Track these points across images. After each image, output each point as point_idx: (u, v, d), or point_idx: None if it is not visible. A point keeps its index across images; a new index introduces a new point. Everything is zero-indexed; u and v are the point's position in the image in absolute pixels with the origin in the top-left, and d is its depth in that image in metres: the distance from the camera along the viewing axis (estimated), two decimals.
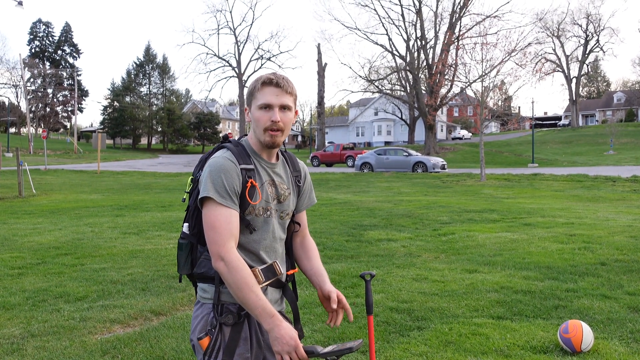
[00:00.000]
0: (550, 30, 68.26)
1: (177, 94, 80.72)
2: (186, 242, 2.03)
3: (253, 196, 1.97)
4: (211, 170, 1.92)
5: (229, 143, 2.06)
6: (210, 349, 1.92)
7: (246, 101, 2.08)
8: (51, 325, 4.75)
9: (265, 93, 1.99)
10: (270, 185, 2.06)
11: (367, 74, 50.18)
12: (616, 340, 4.17)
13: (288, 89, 2.02)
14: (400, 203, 14.25)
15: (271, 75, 2.02)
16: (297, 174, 2.21)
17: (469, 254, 7.56)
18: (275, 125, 1.99)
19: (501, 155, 46.81)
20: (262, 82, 2.00)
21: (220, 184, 1.90)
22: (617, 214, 11.77)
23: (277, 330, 1.82)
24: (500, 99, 30.71)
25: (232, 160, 1.95)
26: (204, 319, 1.98)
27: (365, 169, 31.58)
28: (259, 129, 2.01)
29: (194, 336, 1.99)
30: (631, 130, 62.31)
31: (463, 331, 4.41)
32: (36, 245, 8.52)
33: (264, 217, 2.03)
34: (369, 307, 2.44)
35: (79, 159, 46.31)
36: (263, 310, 1.84)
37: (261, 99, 1.99)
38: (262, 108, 1.99)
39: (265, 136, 2.01)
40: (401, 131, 70.23)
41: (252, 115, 2.03)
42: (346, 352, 1.86)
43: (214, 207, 1.90)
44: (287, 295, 2.15)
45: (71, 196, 17.84)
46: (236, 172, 1.94)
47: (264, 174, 2.04)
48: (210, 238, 1.89)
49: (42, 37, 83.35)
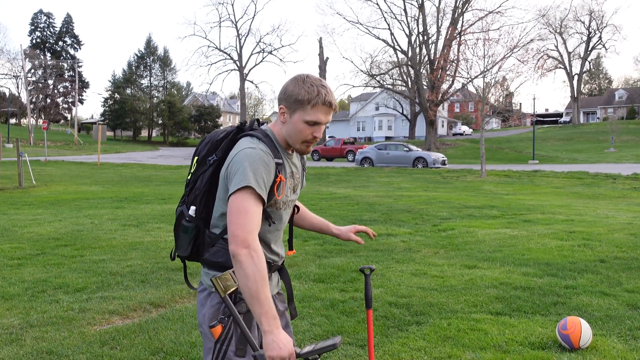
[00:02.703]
0: (552, 26, 68.09)
1: (178, 86, 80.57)
2: (192, 226, 2.03)
3: (279, 190, 1.99)
4: (251, 161, 1.90)
5: (257, 132, 2.03)
6: (223, 337, 1.94)
7: (287, 100, 2.00)
8: (50, 316, 4.75)
9: (319, 111, 1.98)
10: (290, 178, 2.10)
11: (369, 68, 50.13)
12: (614, 337, 4.17)
13: (336, 108, 2.05)
14: (400, 198, 14.25)
15: (331, 98, 1.99)
16: (304, 162, 2.27)
17: (468, 249, 7.56)
18: (315, 140, 2.03)
19: (502, 151, 46.78)
20: (322, 102, 1.97)
21: (260, 176, 1.90)
22: (617, 212, 11.77)
23: (275, 334, 1.76)
24: (502, 95, 30.66)
25: (269, 153, 1.95)
26: (214, 307, 1.99)
27: (365, 163, 31.56)
28: (296, 138, 2.02)
29: (204, 324, 2.00)
30: (632, 127, 62.22)
31: (462, 326, 4.41)
32: (36, 236, 8.52)
33: (283, 210, 2.08)
34: (368, 301, 2.44)
35: (79, 150, 46.29)
36: (270, 309, 1.79)
37: (312, 116, 1.97)
38: (309, 123, 1.99)
39: (302, 146, 2.04)
40: (402, 126, 70.12)
41: (293, 123, 2.00)
42: (329, 349, 1.81)
43: (249, 195, 1.87)
44: (284, 276, 2.20)
45: (71, 187, 17.84)
46: (272, 166, 1.94)
47: (287, 167, 2.07)
48: (239, 222, 1.84)
49: (43, 28, 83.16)
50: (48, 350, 3.98)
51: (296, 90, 1.97)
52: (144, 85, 75.70)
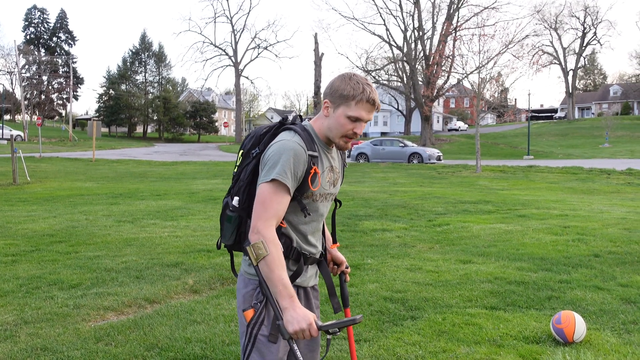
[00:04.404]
0: (547, 22, 68.27)
1: (173, 82, 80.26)
2: (235, 215, 2.10)
3: (314, 182, 2.06)
4: (282, 153, 1.98)
5: (296, 126, 2.09)
6: (254, 322, 2.02)
7: (332, 95, 2.06)
8: (45, 312, 4.74)
9: (362, 108, 2.04)
10: (330, 171, 2.16)
11: (364, 64, 50.06)
12: (608, 331, 4.20)
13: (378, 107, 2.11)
14: (395, 193, 14.26)
15: (375, 96, 2.05)
16: (344, 156, 2.32)
17: (463, 244, 7.58)
18: (355, 136, 2.07)
19: (497, 147, 46.86)
20: (367, 100, 2.03)
21: (288, 167, 1.97)
22: (611, 207, 11.82)
23: (292, 310, 1.87)
24: (497, 90, 30.71)
25: (302, 145, 2.01)
26: (249, 292, 2.09)
27: (361, 159, 31.58)
28: (337, 132, 2.08)
29: (239, 308, 2.10)
30: (627, 123, 62.42)
31: (456, 321, 4.43)
32: (30, 233, 8.49)
33: (319, 202, 2.13)
34: (345, 301, 2.48)
35: (74, 146, 46.10)
36: (284, 288, 1.89)
37: (356, 112, 2.03)
38: (351, 119, 2.04)
39: (341, 141, 2.10)
40: (397, 122, 70.21)
41: (335, 117, 2.06)
42: (350, 323, 1.91)
43: (273, 187, 1.96)
44: (323, 270, 2.28)
45: (66, 184, 17.78)
46: (304, 158, 2.00)
47: (325, 161, 2.13)
48: (257, 212, 1.96)
49: (37, 23, 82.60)
50: (42, 347, 3.97)
51: (342, 86, 2.04)
52: (138, 81, 75.39)
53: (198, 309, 4.84)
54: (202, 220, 9.84)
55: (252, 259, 1.92)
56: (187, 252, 7.09)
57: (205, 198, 13.26)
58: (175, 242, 7.74)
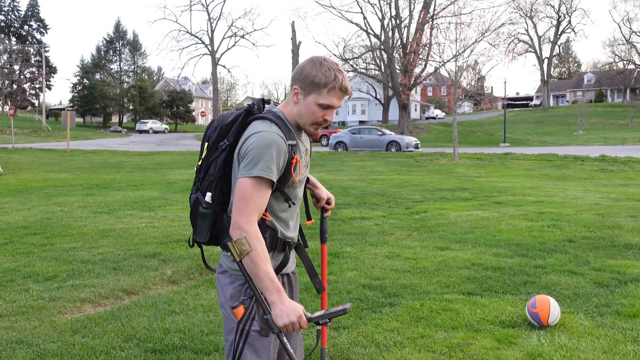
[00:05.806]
0: (523, 10, 68.74)
1: (149, 71, 79.37)
2: (210, 212, 2.04)
3: (296, 171, 2.02)
4: (263, 146, 1.91)
5: (269, 114, 2.03)
6: (246, 318, 1.98)
7: (303, 81, 2.00)
8: (19, 305, 4.67)
9: (334, 96, 2.00)
10: (305, 155, 2.13)
11: (342, 52, 49.99)
12: (582, 315, 4.28)
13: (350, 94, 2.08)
14: (374, 182, 14.32)
15: (347, 83, 2.01)
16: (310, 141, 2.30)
17: (441, 231, 7.65)
18: (325, 122, 2.05)
19: (474, 134, 47.28)
20: (339, 87, 1.99)
21: (272, 161, 1.91)
22: (585, 193, 12.03)
23: (280, 303, 1.85)
24: (474, 78, 30.89)
25: (281, 136, 1.96)
26: (236, 289, 2.03)
27: (339, 148, 31.59)
28: (307, 120, 2.04)
29: (225, 304, 2.04)
30: (600, 110, 63.47)
31: (434, 307, 4.47)
32: (3, 225, 8.34)
33: (298, 188, 2.11)
34: (323, 236, 2.54)
35: (48, 137, 45.32)
36: (271, 283, 1.87)
37: (327, 100, 1.99)
38: (322, 106, 2.01)
39: (311, 128, 2.06)
40: (375, 110, 70.23)
41: (306, 105, 2.01)
42: (340, 313, 1.90)
43: (255, 182, 1.91)
44: (301, 253, 2.23)
45: (40, 175, 17.48)
46: (284, 149, 1.95)
47: (301, 147, 2.09)
48: (237, 207, 1.91)
49: (7, 11, 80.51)
50: (18, 340, 3.91)
51: (313, 72, 1.98)
52: (113, 71, 74.30)
53: (176, 299, 4.81)
54: (179, 210, 9.76)
55: (234, 255, 1.88)
56: (164, 242, 7.03)
57: (183, 188, 13.15)
58: (152, 233, 7.67)
